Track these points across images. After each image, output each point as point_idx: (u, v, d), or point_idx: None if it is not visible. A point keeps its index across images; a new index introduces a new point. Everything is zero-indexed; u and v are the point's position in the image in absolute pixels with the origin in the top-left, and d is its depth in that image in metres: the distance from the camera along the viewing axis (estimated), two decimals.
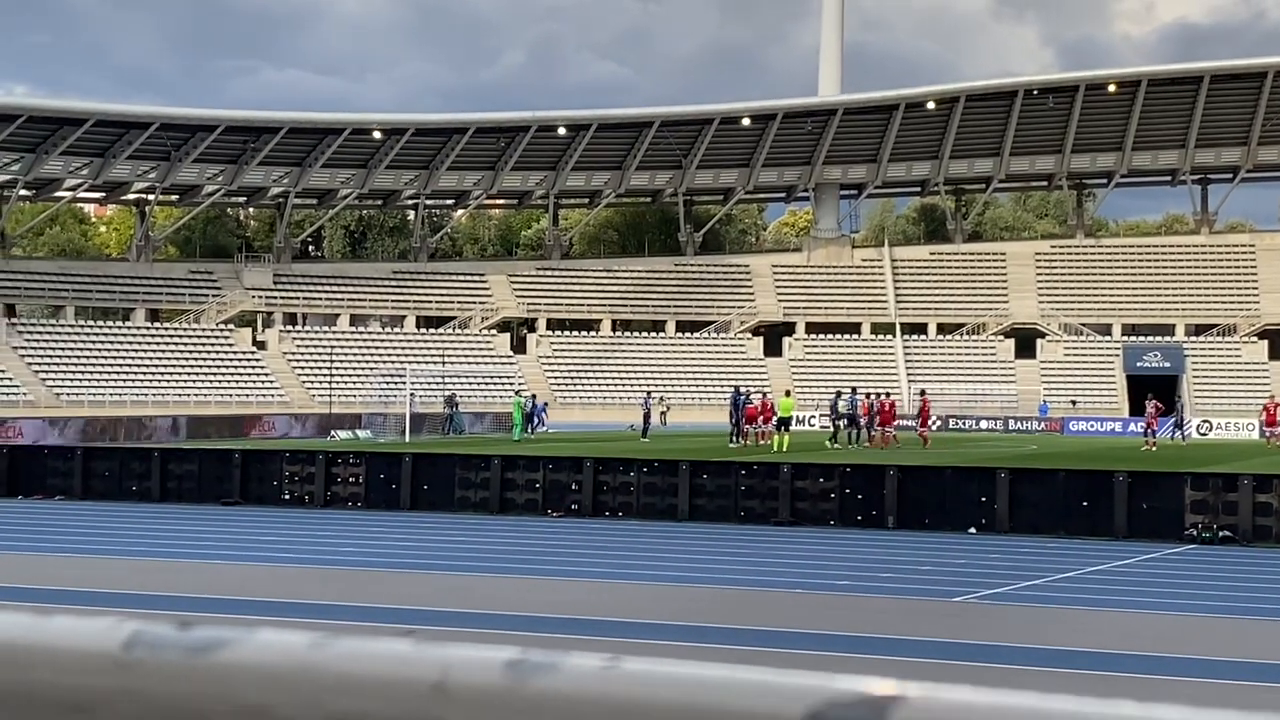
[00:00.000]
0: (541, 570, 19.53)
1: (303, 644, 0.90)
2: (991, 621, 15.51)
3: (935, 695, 0.84)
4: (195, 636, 0.95)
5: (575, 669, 0.89)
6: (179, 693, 0.90)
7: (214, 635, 0.93)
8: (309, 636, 0.90)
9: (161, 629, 0.92)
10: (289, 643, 0.90)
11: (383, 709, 0.87)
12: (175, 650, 0.91)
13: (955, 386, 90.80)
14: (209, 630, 0.92)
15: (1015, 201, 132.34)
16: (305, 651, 0.90)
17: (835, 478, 26.41)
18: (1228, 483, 24.15)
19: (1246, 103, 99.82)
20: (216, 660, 0.91)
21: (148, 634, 0.95)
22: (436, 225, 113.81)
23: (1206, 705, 0.71)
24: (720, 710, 0.85)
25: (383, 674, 0.89)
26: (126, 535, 24.01)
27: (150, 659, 0.92)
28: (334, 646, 0.90)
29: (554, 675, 0.88)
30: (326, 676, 0.89)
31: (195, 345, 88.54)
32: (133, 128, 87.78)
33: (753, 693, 0.86)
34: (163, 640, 0.92)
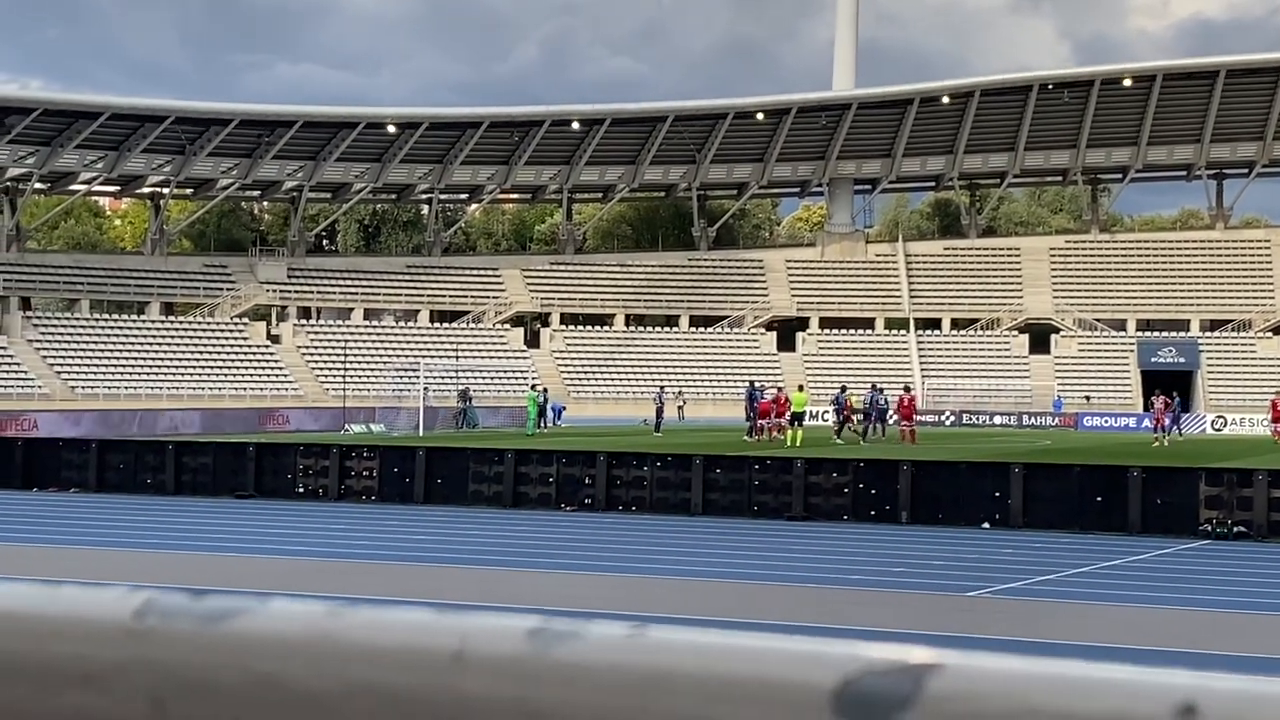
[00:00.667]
0: (554, 564, 19.54)
1: (319, 612, 0.88)
2: (1006, 617, 15.48)
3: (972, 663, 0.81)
4: (208, 605, 0.92)
5: (599, 637, 0.86)
6: (191, 662, 0.88)
7: (227, 604, 0.91)
8: (325, 605, 0.88)
9: (173, 598, 0.90)
10: (304, 611, 0.88)
11: (401, 678, 0.85)
12: (187, 619, 0.90)
13: (969, 382, 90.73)
14: (222, 599, 0.90)
15: (1030, 196, 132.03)
16: (321, 620, 0.87)
17: (849, 472, 26.38)
18: (1243, 478, 24.08)
19: (1262, 98, 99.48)
20: (230, 629, 0.89)
21: (159, 603, 0.93)
22: (450, 219, 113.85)
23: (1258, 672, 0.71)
24: (750, 679, 0.82)
25: (401, 643, 0.86)
26: (141, 528, 24.06)
27: (162, 628, 0.90)
28: (351, 615, 0.88)
29: (577, 644, 0.85)
30: (343, 645, 0.86)
31: (209, 339, 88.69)
32: (147, 121, 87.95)
33: (784, 661, 0.84)
34: (175, 609, 0.94)
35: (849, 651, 0.85)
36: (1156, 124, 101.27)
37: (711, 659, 0.82)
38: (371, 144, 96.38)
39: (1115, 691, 0.77)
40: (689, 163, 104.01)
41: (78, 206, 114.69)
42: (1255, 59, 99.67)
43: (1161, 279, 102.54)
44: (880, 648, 0.85)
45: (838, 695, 0.82)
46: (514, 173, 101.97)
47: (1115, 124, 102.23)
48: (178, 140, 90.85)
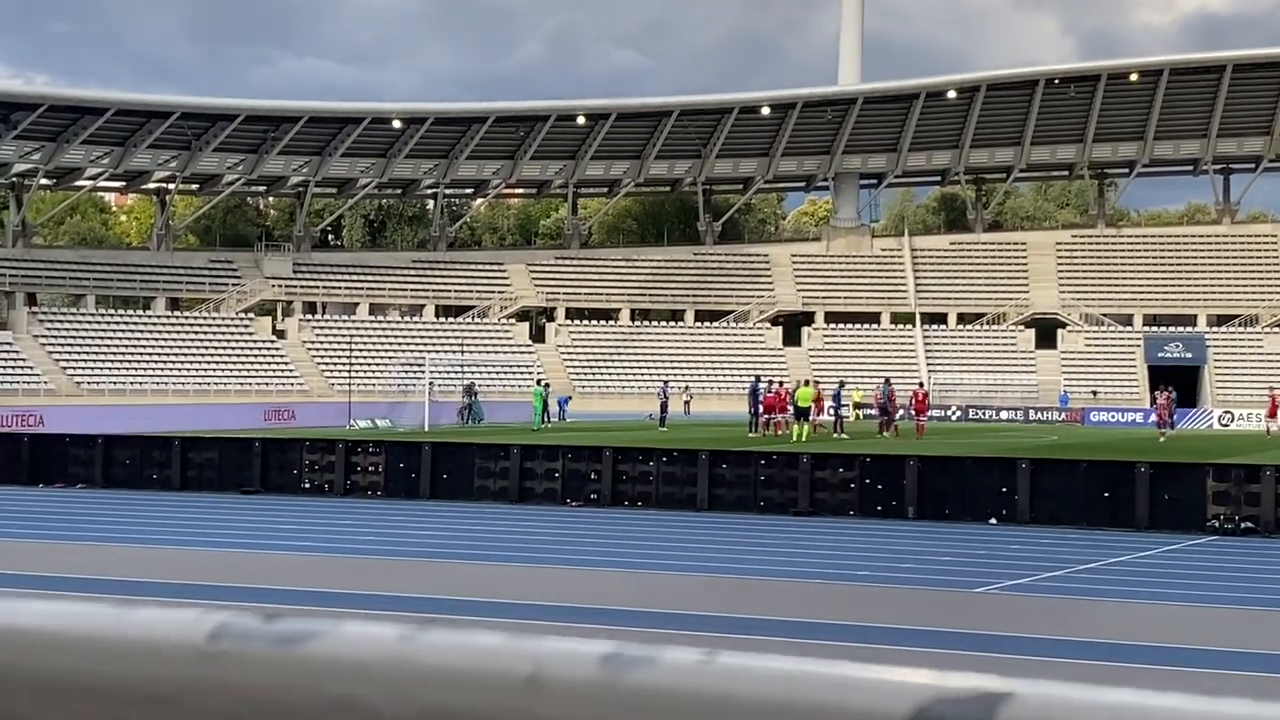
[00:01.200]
0: (560, 560, 19.52)
1: (392, 636, 0.88)
2: (1013, 612, 15.45)
3: (1045, 691, 0.81)
4: (282, 628, 0.91)
5: (671, 664, 0.86)
6: (265, 684, 0.89)
7: (301, 627, 0.90)
8: (398, 629, 0.87)
9: (247, 620, 0.90)
10: (378, 634, 0.88)
11: (476, 702, 0.85)
12: (261, 642, 0.90)
13: (976, 376, 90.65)
14: (295, 622, 0.89)
15: (1036, 191, 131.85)
16: (395, 644, 0.88)
17: (855, 468, 26.35)
18: (1250, 474, 24.03)
19: (1269, 92, 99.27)
20: (304, 652, 0.89)
21: (233, 625, 0.92)
22: (456, 214, 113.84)
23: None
24: (823, 706, 0.83)
25: (475, 667, 0.87)
26: (146, 524, 24.06)
27: (236, 650, 0.90)
28: (424, 638, 0.89)
29: (650, 670, 0.85)
30: (417, 669, 0.87)
31: (215, 334, 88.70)
32: (153, 117, 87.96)
33: (857, 689, 0.84)
34: (249, 632, 0.93)
35: (921, 680, 0.83)
36: (1163, 118, 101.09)
37: (783, 686, 0.82)
38: (377, 139, 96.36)
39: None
40: (694, 157, 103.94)
41: (83, 202, 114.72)
42: (1262, 53, 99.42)
43: (1168, 274, 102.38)
44: (953, 676, 0.84)
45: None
46: (519, 167, 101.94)
47: (1121, 118, 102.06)
48: (183, 136, 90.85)
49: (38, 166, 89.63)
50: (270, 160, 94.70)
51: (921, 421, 53.36)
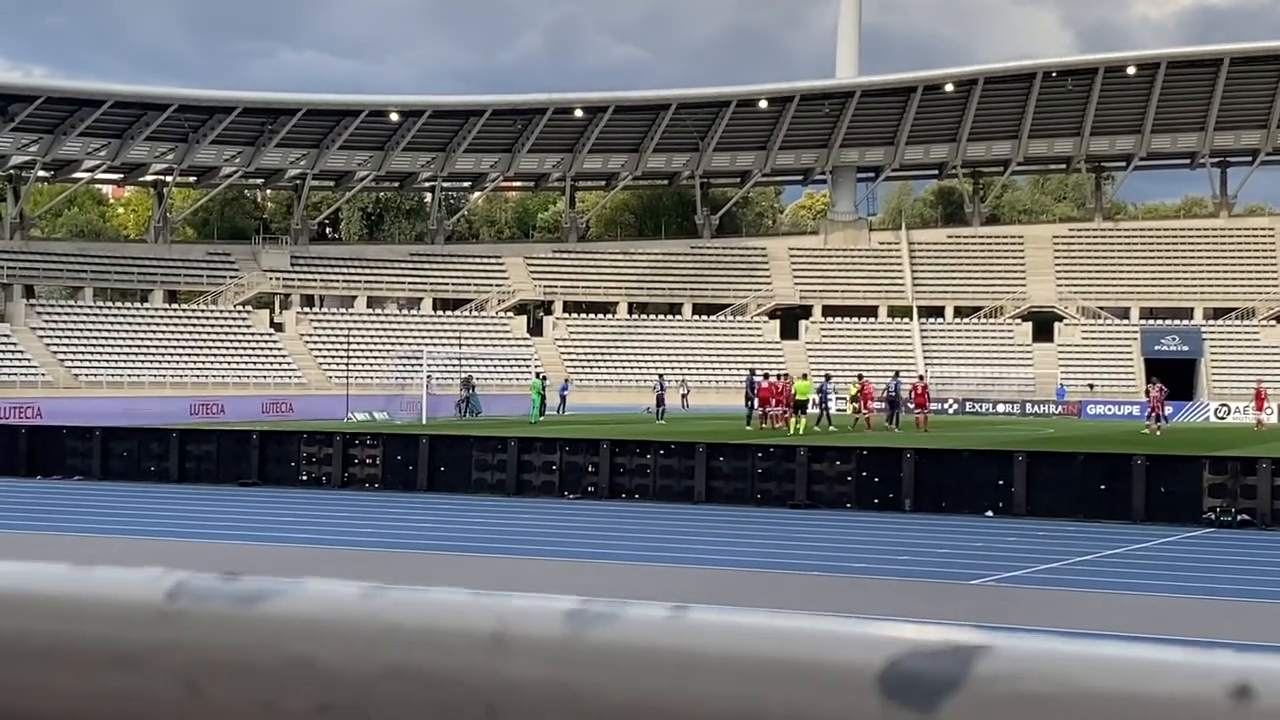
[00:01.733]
0: (558, 552, 19.56)
1: (353, 594, 0.86)
2: (1009, 604, 15.49)
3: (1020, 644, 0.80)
4: (241, 587, 0.89)
5: (638, 619, 0.84)
6: (225, 644, 0.86)
7: (260, 586, 0.88)
8: (359, 586, 0.86)
9: (206, 580, 0.89)
10: (339, 593, 0.86)
11: (439, 660, 0.83)
12: (220, 601, 0.88)
13: (973, 370, 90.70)
14: (255, 581, 0.88)
15: (1033, 184, 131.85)
16: (356, 601, 0.85)
17: (852, 460, 26.38)
18: (1246, 466, 24.08)
19: (1267, 85, 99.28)
20: (263, 611, 0.87)
21: (192, 584, 0.90)
22: (453, 207, 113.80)
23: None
24: (793, 661, 0.80)
25: (438, 625, 0.84)
26: (144, 516, 24.09)
27: (195, 609, 0.88)
28: (386, 596, 0.86)
29: (616, 625, 0.83)
30: (379, 627, 0.84)
31: (213, 327, 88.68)
32: (150, 109, 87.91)
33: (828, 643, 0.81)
34: (208, 591, 0.90)
35: (894, 633, 0.82)
36: (1160, 112, 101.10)
37: (753, 641, 0.80)
38: (374, 132, 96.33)
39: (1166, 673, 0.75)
40: (692, 151, 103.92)
41: (81, 194, 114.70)
42: (1259, 46, 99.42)
43: (1165, 267, 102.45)
44: (926, 629, 0.83)
45: (884, 677, 0.80)
46: (517, 161, 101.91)
47: (1119, 112, 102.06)
48: (181, 128, 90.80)
49: (35, 159, 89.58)
50: (268, 153, 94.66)
51: (921, 415, 53.56)
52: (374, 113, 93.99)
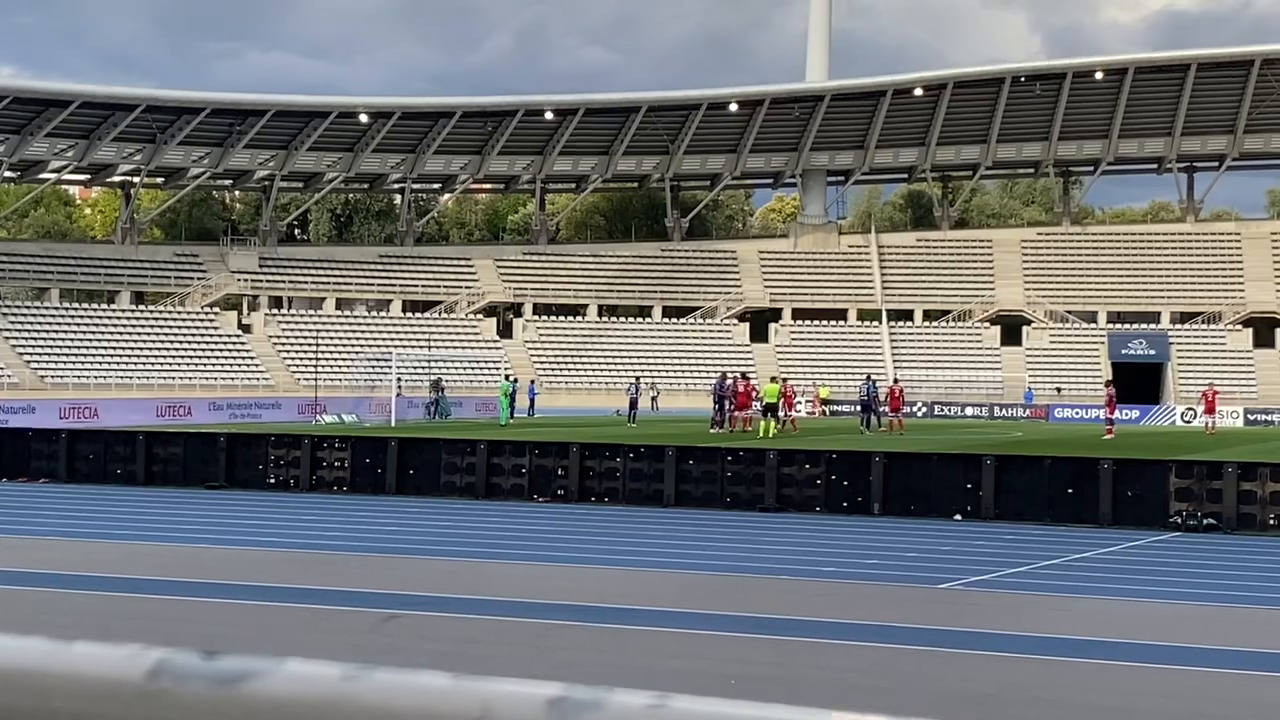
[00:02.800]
0: (527, 556, 19.51)
1: (334, 676, 0.83)
2: (977, 608, 15.52)
3: None
4: (221, 667, 0.87)
5: (620, 708, 0.82)
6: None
7: (241, 666, 0.86)
8: (341, 669, 0.84)
9: (186, 658, 0.86)
10: (320, 675, 0.82)
11: None
12: (201, 681, 0.85)
13: (941, 373, 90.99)
14: (236, 661, 0.86)
15: (1002, 188, 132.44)
16: (338, 684, 0.82)
17: (821, 464, 26.41)
18: (1212, 470, 24.18)
19: (1233, 91, 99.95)
20: (244, 692, 0.85)
21: (172, 663, 0.88)
22: (423, 209, 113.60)
23: None
24: None
25: (420, 709, 0.82)
26: (110, 519, 23.94)
27: (175, 689, 0.86)
28: (368, 679, 0.83)
29: (598, 715, 0.81)
30: (360, 711, 0.82)
31: (180, 328, 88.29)
32: (118, 110, 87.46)
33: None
34: (188, 670, 0.87)
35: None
36: (1128, 117, 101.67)
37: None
38: (344, 133, 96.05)
39: None
40: (662, 153, 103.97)
41: (47, 195, 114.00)
42: (1226, 52, 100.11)
43: (1132, 271, 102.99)
44: None
45: None
46: (487, 163, 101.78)
47: (1087, 116, 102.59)
48: (149, 129, 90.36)
49: (1, 159, 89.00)
50: (236, 154, 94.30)
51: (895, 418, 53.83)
52: (343, 114, 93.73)
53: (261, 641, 12.51)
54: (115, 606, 14.45)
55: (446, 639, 12.88)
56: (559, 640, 12.80)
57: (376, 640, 12.81)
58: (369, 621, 13.70)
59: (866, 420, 54.27)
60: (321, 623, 13.68)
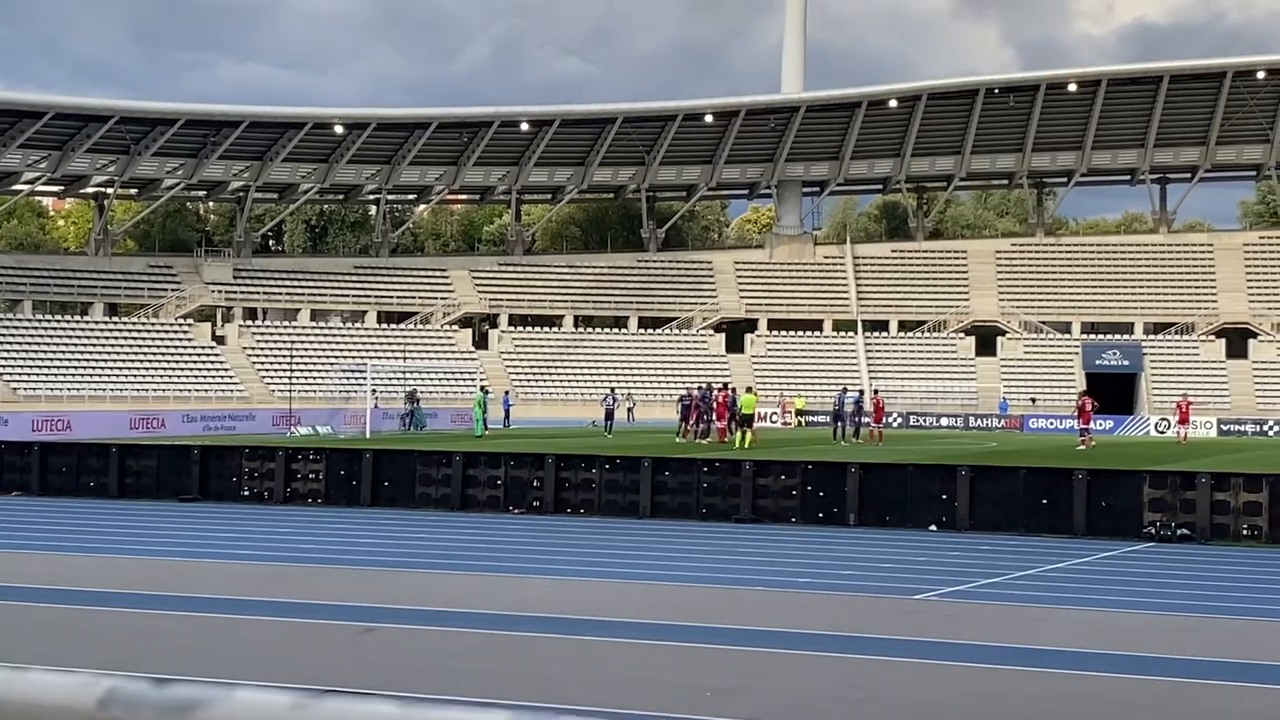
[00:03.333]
0: (503, 567, 19.47)
1: (284, 704, 0.86)
2: (952, 619, 15.54)
3: None
4: (172, 694, 0.85)
5: None
6: None
7: (192, 694, 0.85)
8: (290, 697, 0.82)
9: (138, 686, 0.85)
10: (269, 702, 0.83)
11: None
12: (151, 709, 0.89)
13: (916, 383, 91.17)
14: (187, 689, 0.84)
15: (976, 200, 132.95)
16: (287, 712, 0.87)
17: (797, 475, 26.43)
18: (1185, 481, 24.27)
19: (1205, 103, 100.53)
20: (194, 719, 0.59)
21: (124, 691, 0.86)
22: (398, 220, 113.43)
23: None
24: None
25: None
26: (83, 532, 23.81)
27: (126, 718, 0.92)
28: (318, 708, 0.87)
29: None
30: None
31: (154, 340, 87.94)
32: (91, 120, 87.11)
33: None
34: (139, 698, 0.86)
35: None
36: (1101, 128, 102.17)
37: None
38: (319, 144, 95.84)
39: None
40: (638, 164, 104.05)
41: (20, 206, 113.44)
42: (1198, 64, 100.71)
43: (1106, 282, 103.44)
44: None
45: None
46: (462, 173, 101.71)
47: (1060, 128, 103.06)
48: (122, 140, 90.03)
49: None
50: (210, 165, 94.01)
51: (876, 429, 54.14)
52: (318, 125, 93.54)
53: (234, 656, 12.45)
54: (85, 620, 14.36)
55: (422, 652, 12.84)
56: (534, 652, 12.77)
57: (352, 654, 12.75)
58: (344, 634, 13.64)
59: (840, 430, 54.38)
60: (296, 636, 13.62)
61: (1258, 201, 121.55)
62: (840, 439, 52.94)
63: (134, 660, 12.05)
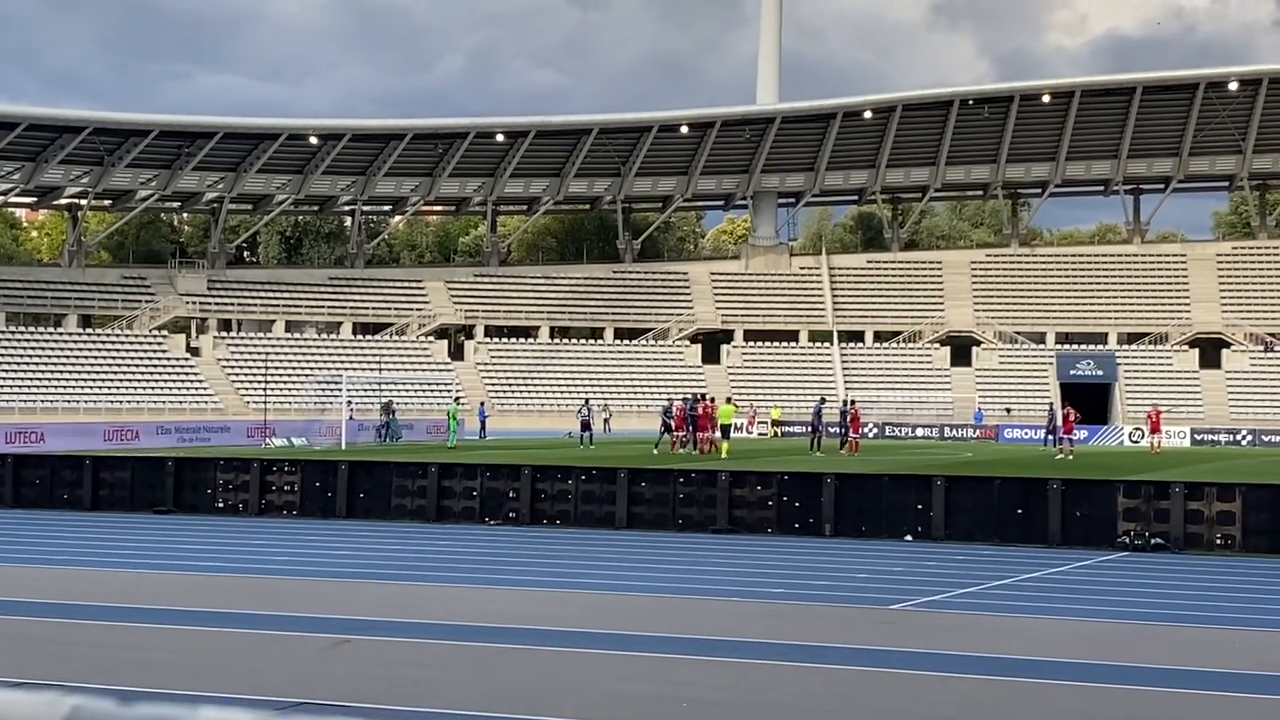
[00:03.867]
0: (478, 579, 19.42)
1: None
2: (928, 629, 15.55)
3: None
4: (136, 714, 0.83)
5: None
6: None
7: (156, 712, 0.83)
8: (254, 714, 0.80)
9: (102, 704, 0.84)
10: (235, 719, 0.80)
11: None
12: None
13: (892, 394, 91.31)
14: (150, 707, 0.83)
15: (951, 210, 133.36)
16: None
17: (773, 485, 26.44)
18: (1160, 490, 24.36)
19: (1178, 114, 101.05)
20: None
21: (88, 710, 0.85)
22: (373, 231, 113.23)
23: None
24: None
25: None
26: (56, 544, 23.66)
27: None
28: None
29: None
30: None
31: (128, 352, 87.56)
32: (65, 132, 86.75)
33: None
34: (103, 716, 0.86)
35: None
36: (1075, 140, 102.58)
37: None
38: (294, 155, 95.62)
39: None
40: (614, 175, 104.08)
41: None
42: (1171, 75, 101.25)
43: (1080, 292, 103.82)
44: None
45: None
46: (438, 185, 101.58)
47: (1034, 139, 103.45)
48: (96, 151, 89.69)
49: None
50: (184, 176, 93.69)
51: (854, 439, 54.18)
52: (293, 136, 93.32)
53: (206, 669, 12.37)
54: (58, 633, 14.26)
55: (396, 664, 12.78)
56: (509, 664, 12.73)
57: (325, 666, 12.69)
58: (318, 647, 13.58)
59: (816, 442, 54.39)
60: (270, 648, 13.55)
61: (1230, 212, 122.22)
62: (816, 449, 52.94)
63: (104, 674, 11.96)
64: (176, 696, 11.26)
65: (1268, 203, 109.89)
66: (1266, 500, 23.95)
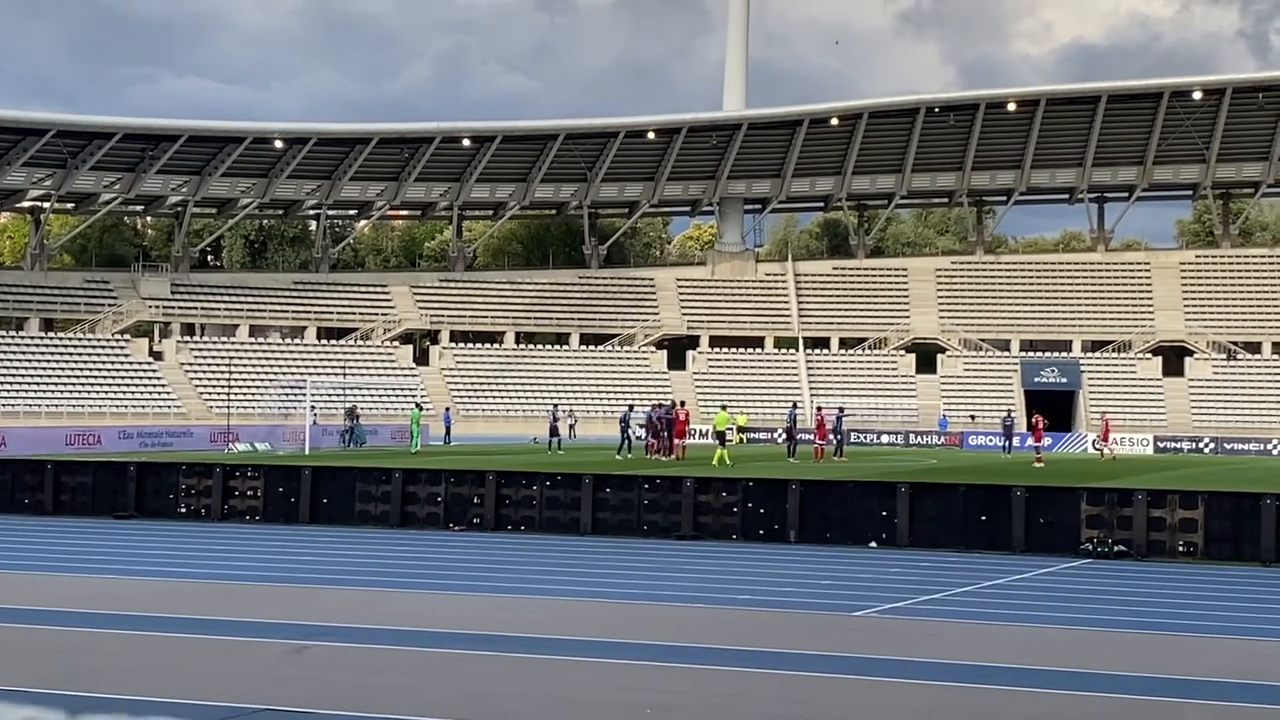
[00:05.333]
0: (442, 585, 19.35)
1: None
2: (892, 636, 15.57)
3: None
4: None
5: None
6: None
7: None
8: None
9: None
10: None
11: None
12: None
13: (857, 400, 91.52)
14: None
15: (916, 218, 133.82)
16: None
17: (738, 492, 26.44)
18: (1123, 498, 24.46)
19: (1142, 123, 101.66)
20: None
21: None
22: (338, 236, 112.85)
23: None
24: None
25: None
26: (15, 549, 23.46)
27: None
28: None
29: None
30: None
31: (90, 356, 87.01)
32: (28, 134, 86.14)
33: None
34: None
35: None
36: (1040, 147, 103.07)
37: None
38: (258, 159, 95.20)
39: None
40: (580, 181, 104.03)
41: None
42: (1135, 84, 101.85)
43: (1044, 300, 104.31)
44: None
45: None
46: (404, 189, 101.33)
47: (999, 147, 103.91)
48: (59, 154, 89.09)
49: None
50: (148, 179, 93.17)
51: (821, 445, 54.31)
52: (258, 140, 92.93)
53: (166, 675, 12.28)
54: (16, 639, 14.13)
55: (357, 670, 12.72)
56: (472, 670, 12.67)
57: (286, 672, 12.61)
58: (279, 653, 13.49)
59: (792, 449, 54.40)
60: (231, 654, 13.45)
61: (1194, 221, 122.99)
62: (791, 456, 53.03)
63: (64, 680, 11.86)
64: (136, 703, 11.17)
65: (1231, 211, 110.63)
66: (1228, 508, 24.08)
